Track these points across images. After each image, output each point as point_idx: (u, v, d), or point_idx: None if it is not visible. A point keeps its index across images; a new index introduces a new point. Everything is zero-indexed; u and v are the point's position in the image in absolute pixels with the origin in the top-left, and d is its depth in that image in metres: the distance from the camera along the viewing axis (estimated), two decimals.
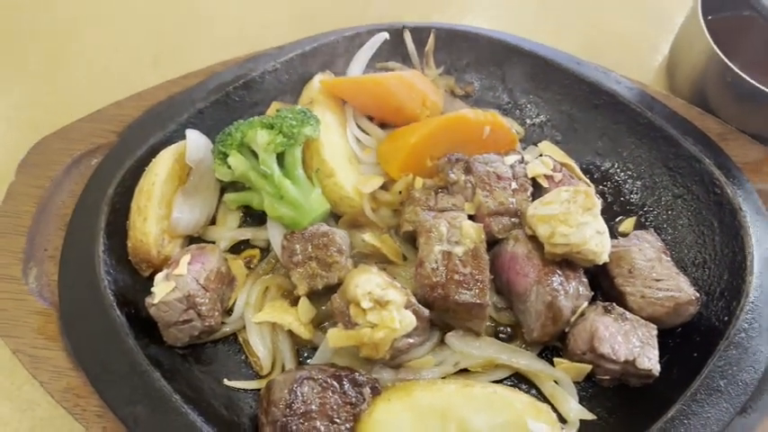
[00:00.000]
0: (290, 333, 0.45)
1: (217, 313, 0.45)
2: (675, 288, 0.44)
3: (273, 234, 0.48)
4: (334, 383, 0.41)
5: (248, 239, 0.50)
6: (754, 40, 0.56)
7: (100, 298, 0.45)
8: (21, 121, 0.58)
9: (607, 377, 0.44)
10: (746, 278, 0.45)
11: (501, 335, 0.46)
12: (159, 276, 0.44)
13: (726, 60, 0.51)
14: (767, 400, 0.43)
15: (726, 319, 0.45)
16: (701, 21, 0.53)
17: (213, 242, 0.50)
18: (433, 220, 0.44)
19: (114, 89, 0.56)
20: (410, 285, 0.45)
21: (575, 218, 0.42)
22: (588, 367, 0.43)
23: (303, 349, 0.46)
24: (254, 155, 0.48)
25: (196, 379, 0.44)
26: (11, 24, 0.66)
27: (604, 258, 0.44)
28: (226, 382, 0.45)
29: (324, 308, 0.45)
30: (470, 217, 0.46)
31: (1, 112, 0.59)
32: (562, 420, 0.43)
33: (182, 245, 0.48)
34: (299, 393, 0.40)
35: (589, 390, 0.45)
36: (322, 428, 0.39)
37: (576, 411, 0.43)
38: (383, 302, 0.42)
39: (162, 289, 0.43)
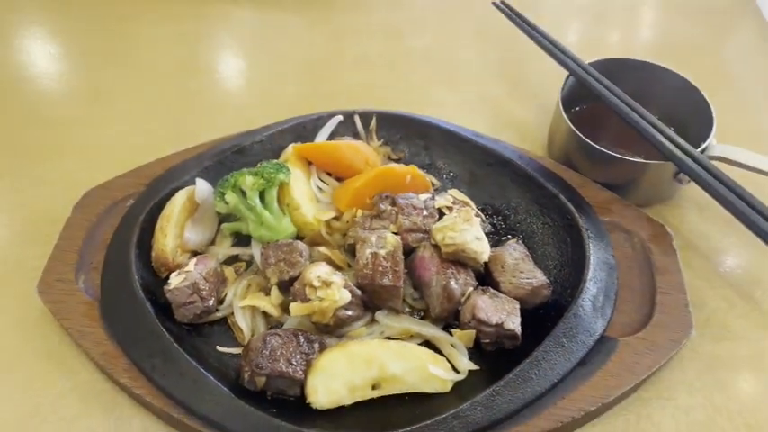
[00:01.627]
0: (265, 314, 0.63)
1: (213, 299, 0.62)
2: (533, 277, 0.62)
3: (255, 249, 0.67)
4: (293, 338, 0.58)
5: (238, 255, 0.69)
6: (602, 120, 0.78)
7: (131, 290, 0.62)
8: (72, 181, 0.77)
9: (487, 340, 0.61)
10: (585, 274, 0.63)
11: (415, 316, 0.64)
12: (173, 274, 0.63)
13: (580, 135, 0.72)
14: (601, 357, 0.60)
15: (570, 299, 0.62)
16: (562, 111, 0.75)
17: None
18: (366, 234, 0.64)
19: (143, 157, 0.76)
20: (351, 281, 0.63)
21: (459, 226, 0.61)
22: (473, 332, 0.60)
23: (274, 326, 0.64)
24: (244, 194, 0.68)
25: (197, 344, 0.61)
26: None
27: (485, 258, 0.63)
28: (218, 348, 0.61)
29: (289, 297, 0.63)
30: (394, 234, 0.65)
31: (57, 175, 0.79)
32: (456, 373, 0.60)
33: (189, 257, 0.67)
34: (268, 342, 0.57)
35: (476, 354, 0.62)
36: (283, 367, 0.56)
37: (466, 364, 0.60)
38: (328, 283, 0.60)
39: (176, 280, 0.61)
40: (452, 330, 0.62)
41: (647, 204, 0.75)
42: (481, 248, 0.62)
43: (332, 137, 0.77)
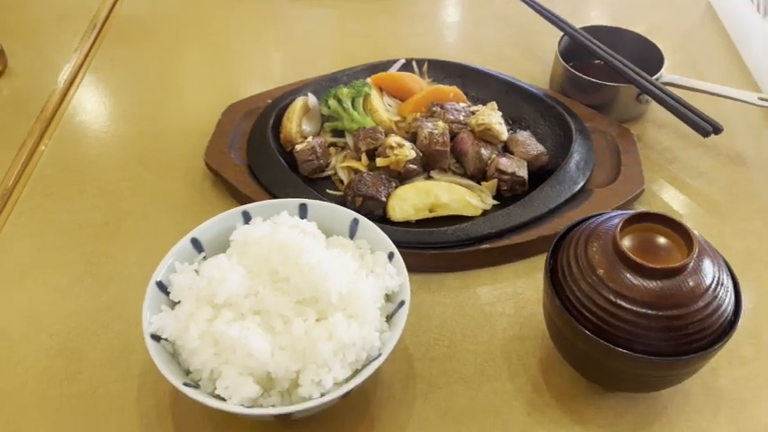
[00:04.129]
0: (356, 171, 0.94)
1: (323, 160, 0.94)
2: (535, 149, 0.93)
3: (348, 138, 0.98)
4: (379, 177, 0.88)
5: (335, 143, 1.00)
6: (587, 68, 1.08)
7: (270, 153, 0.90)
8: (219, 98, 1.08)
9: (505, 187, 0.90)
10: (572, 148, 0.94)
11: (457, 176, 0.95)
12: (298, 144, 0.95)
13: (572, 70, 1.03)
14: (582, 198, 0.89)
15: (562, 162, 0.93)
16: (559, 57, 1.06)
17: None
18: (424, 122, 0.95)
19: (265, 86, 1.09)
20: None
21: (487, 113, 0.93)
22: (495, 181, 0.90)
23: None
24: (340, 102, 1.00)
25: (313, 189, 0.90)
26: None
27: (504, 137, 0.92)
28: (327, 191, 0.92)
29: (373, 162, 0.94)
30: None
31: (209, 94, 1.11)
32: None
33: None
34: (364, 177, 0.87)
35: (498, 198, 0.92)
36: (373, 191, 0.86)
37: (491, 200, 0.89)
38: (401, 145, 0.91)
39: (301, 145, 0.92)
40: (482, 182, 0.93)
41: (620, 121, 1.06)
42: (502, 130, 0.93)
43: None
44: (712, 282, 0.61)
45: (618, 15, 1.32)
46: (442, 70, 1.09)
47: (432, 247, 0.81)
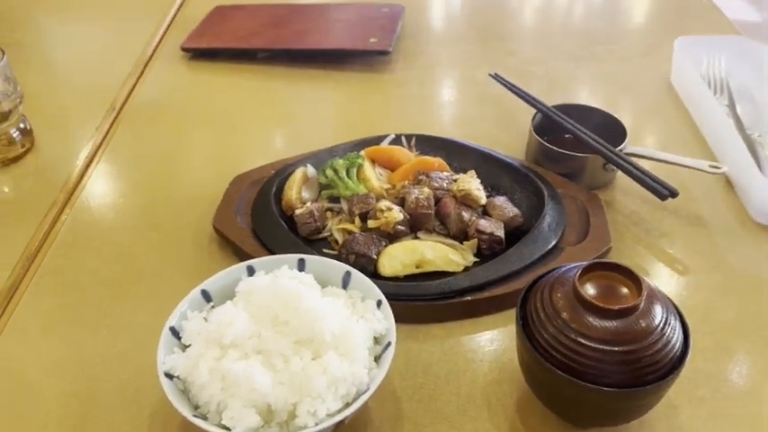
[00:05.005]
0: (350, 233, 1.03)
1: (320, 223, 1.03)
2: (511, 211, 1.02)
3: (343, 203, 1.08)
4: (371, 237, 0.98)
5: (331, 207, 1.10)
6: (558, 141, 1.20)
7: (272, 218, 1.00)
8: (226, 171, 1.20)
9: (484, 246, 1.00)
10: (544, 210, 1.03)
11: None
12: (297, 209, 1.05)
13: (544, 143, 1.15)
14: (554, 255, 0.99)
15: (535, 224, 1.03)
16: (533, 132, 1.19)
17: None
18: (411, 188, 1.06)
19: (267, 159, 1.20)
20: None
21: (467, 180, 1.03)
22: (475, 241, 0.99)
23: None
24: (336, 171, 1.11)
25: (311, 249, 1.01)
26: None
27: (483, 201, 1.02)
28: (324, 250, 1.02)
29: (365, 223, 1.04)
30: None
31: (218, 168, 1.23)
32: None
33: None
34: (357, 237, 0.97)
35: (478, 256, 1.01)
36: (365, 250, 0.96)
37: (471, 258, 0.98)
38: (390, 208, 1.00)
39: (300, 209, 1.03)
40: (463, 242, 1.02)
41: (590, 188, 1.16)
42: (481, 195, 1.04)
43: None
44: (661, 321, 0.70)
45: (587, 94, 1.46)
46: (428, 144, 1.21)
47: (419, 300, 0.90)
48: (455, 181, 1.08)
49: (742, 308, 0.93)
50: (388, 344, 0.73)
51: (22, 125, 1.24)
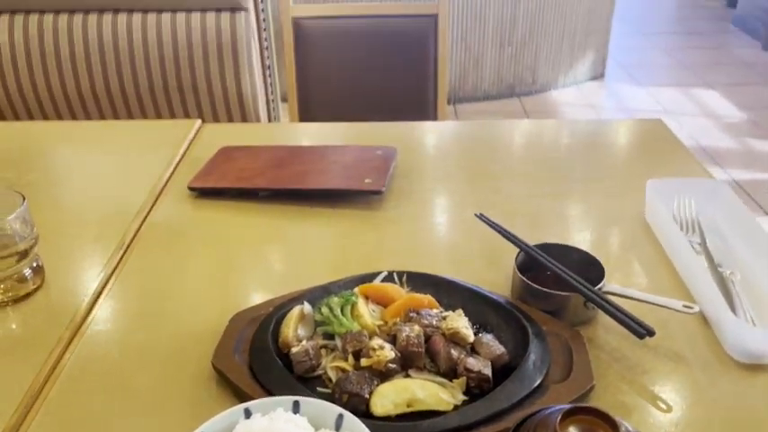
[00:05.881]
0: (343, 370, 1.08)
1: (315, 361, 1.08)
2: (498, 349, 1.08)
3: (337, 341, 1.14)
4: (363, 376, 1.02)
5: (326, 344, 1.15)
6: (537, 278, 1.28)
7: (269, 356, 1.07)
8: (224, 308, 1.26)
9: (473, 384, 1.04)
10: (529, 349, 1.09)
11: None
12: (293, 348, 1.10)
13: (528, 282, 1.23)
14: (539, 393, 1.03)
15: (521, 362, 1.07)
16: (517, 271, 1.27)
17: None
18: (402, 326, 1.11)
19: (264, 297, 1.27)
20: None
21: (455, 319, 1.09)
22: (464, 379, 1.04)
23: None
24: (331, 309, 1.17)
25: (306, 387, 1.05)
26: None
27: (471, 339, 1.08)
28: (318, 389, 1.06)
29: (358, 361, 1.09)
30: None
31: (217, 307, 1.29)
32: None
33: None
34: (350, 377, 1.01)
35: (467, 394, 1.05)
36: (357, 389, 1.00)
37: (461, 396, 1.01)
38: (382, 347, 1.06)
39: (296, 347, 1.08)
40: (453, 380, 1.06)
41: (573, 325, 1.22)
42: (469, 333, 1.09)
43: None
44: None
45: (567, 231, 1.55)
46: (419, 281, 1.28)
47: None
48: (444, 319, 1.14)
49: None
50: None
51: (34, 264, 1.32)
